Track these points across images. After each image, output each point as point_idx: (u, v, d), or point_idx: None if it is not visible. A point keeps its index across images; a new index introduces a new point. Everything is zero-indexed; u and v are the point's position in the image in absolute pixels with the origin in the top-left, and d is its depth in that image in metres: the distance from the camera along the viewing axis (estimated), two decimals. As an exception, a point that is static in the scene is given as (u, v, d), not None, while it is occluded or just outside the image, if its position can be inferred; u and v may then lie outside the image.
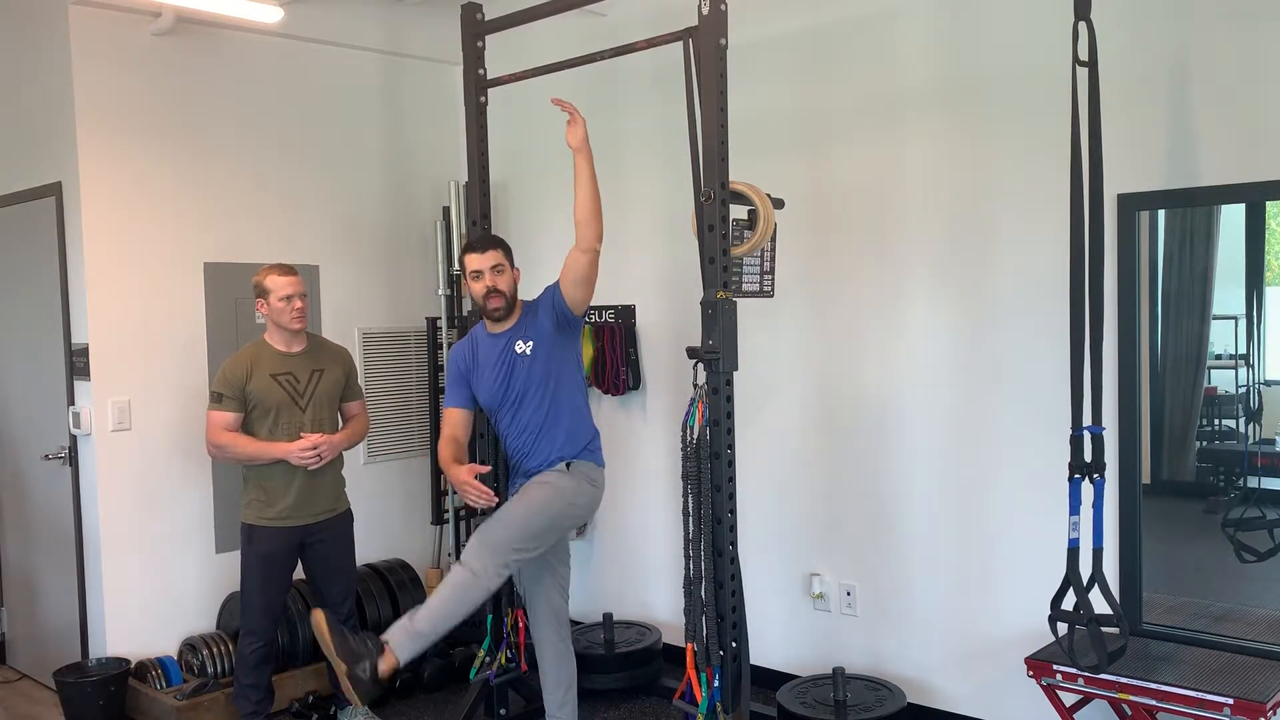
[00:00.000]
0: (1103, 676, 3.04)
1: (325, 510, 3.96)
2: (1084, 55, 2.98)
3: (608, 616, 4.55)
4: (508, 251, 3.55)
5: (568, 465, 3.47)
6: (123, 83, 4.31)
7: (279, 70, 4.78)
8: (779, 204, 3.63)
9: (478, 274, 3.48)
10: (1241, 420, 3.64)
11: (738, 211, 3.47)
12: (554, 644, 3.65)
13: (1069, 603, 3.03)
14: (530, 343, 3.46)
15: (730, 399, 3.28)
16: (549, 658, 3.65)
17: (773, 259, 3.71)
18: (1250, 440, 3.64)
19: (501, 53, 4.23)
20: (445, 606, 3.34)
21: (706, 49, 3.23)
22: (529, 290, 3.70)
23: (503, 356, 3.50)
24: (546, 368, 3.47)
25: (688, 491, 3.31)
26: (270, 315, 3.88)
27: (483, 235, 3.55)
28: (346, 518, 4.09)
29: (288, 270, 3.89)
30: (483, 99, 4.15)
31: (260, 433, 3.85)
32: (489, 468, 3.65)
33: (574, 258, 3.40)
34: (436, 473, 5.22)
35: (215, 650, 4.34)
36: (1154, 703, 2.99)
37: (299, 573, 4.06)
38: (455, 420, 3.65)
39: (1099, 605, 2.97)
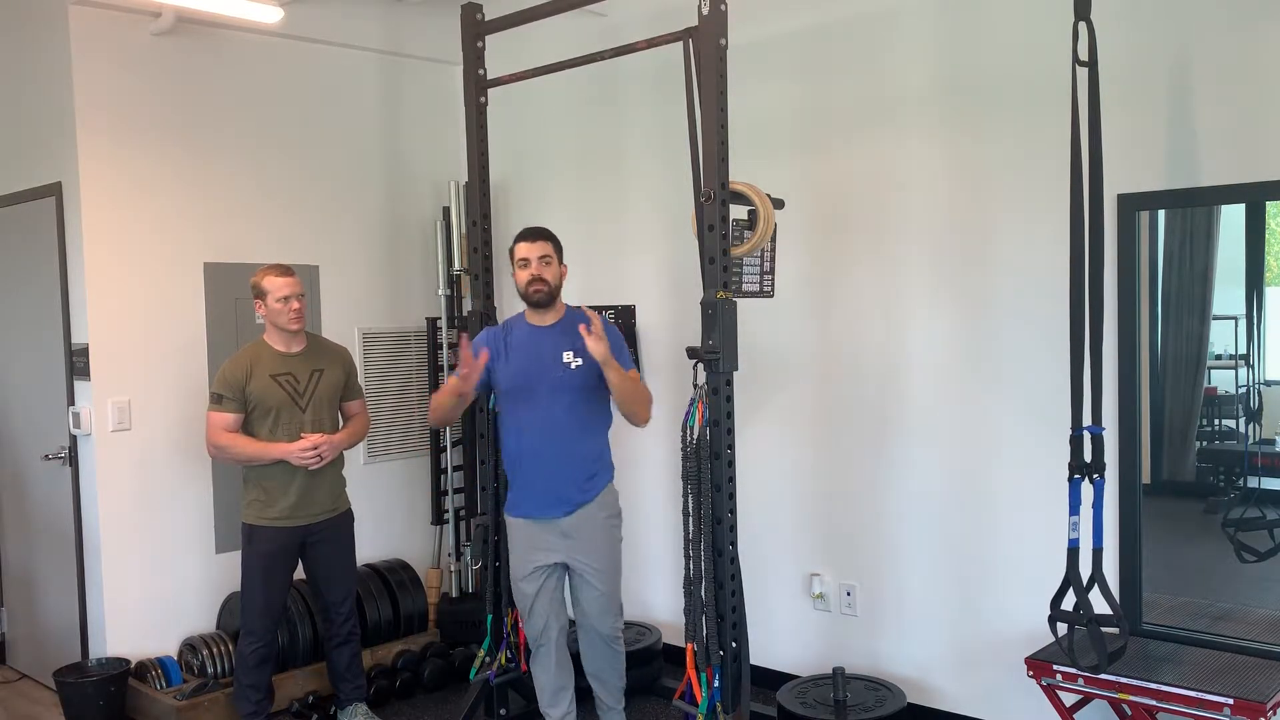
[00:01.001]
0: (1103, 676, 3.04)
1: (326, 510, 3.96)
2: (1084, 55, 2.98)
3: (608, 616, 4.55)
4: (558, 247, 3.56)
5: (613, 505, 3.59)
6: (123, 83, 4.31)
7: (279, 70, 4.78)
8: (779, 204, 3.63)
9: (525, 262, 3.49)
10: (1241, 420, 3.64)
11: (738, 211, 3.47)
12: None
13: (1069, 603, 3.03)
14: (580, 360, 3.43)
15: (730, 399, 3.28)
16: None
17: (773, 259, 3.70)
18: (1250, 440, 3.64)
19: (501, 53, 4.23)
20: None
21: (706, 49, 3.23)
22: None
23: (548, 354, 3.47)
24: (592, 380, 3.42)
25: (688, 491, 3.31)
26: (268, 316, 3.88)
27: (533, 227, 3.58)
28: (347, 518, 4.09)
29: (285, 271, 3.89)
30: (483, 99, 4.15)
31: (260, 433, 3.85)
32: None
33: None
34: (437, 473, 5.22)
35: (215, 650, 4.34)
36: (1154, 703, 2.99)
37: (299, 573, 4.06)
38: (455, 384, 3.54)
39: (1099, 605, 2.97)
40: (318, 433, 3.88)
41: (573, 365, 3.46)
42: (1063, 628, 3.04)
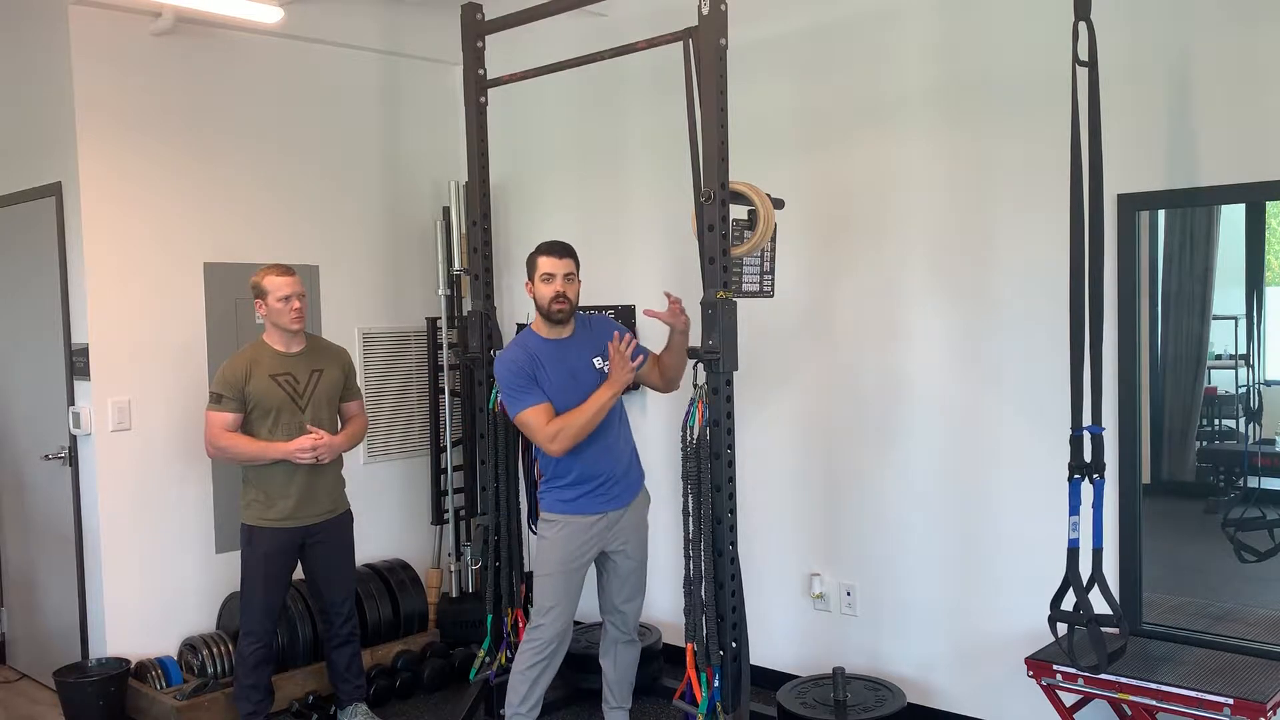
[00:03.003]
0: (1103, 676, 3.04)
1: (325, 511, 3.96)
2: (1084, 55, 2.97)
3: (608, 616, 4.55)
4: (579, 263, 3.54)
5: (649, 499, 3.73)
6: (123, 83, 4.31)
7: (279, 70, 4.78)
8: (779, 204, 3.62)
9: (549, 277, 3.45)
10: (1241, 420, 3.64)
11: (738, 211, 3.47)
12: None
13: (1069, 603, 3.03)
14: (608, 363, 3.43)
15: (730, 399, 3.28)
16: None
17: (773, 259, 3.70)
18: (1250, 440, 3.64)
19: (501, 53, 4.23)
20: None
21: (706, 49, 3.23)
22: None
23: (578, 365, 3.46)
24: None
25: (688, 491, 3.31)
26: (268, 316, 3.88)
27: (558, 241, 3.55)
28: (346, 518, 4.09)
29: (285, 270, 3.89)
30: (483, 99, 4.16)
31: (260, 433, 3.85)
32: None
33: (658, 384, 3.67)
34: (437, 473, 5.22)
35: (215, 650, 4.34)
36: (1154, 703, 2.99)
37: (298, 573, 4.05)
38: (550, 410, 3.40)
39: (1099, 605, 2.97)
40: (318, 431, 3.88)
41: (607, 370, 3.46)
42: (1063, 628, 3.03)
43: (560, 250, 3.51)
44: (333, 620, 4.08)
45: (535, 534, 3.65)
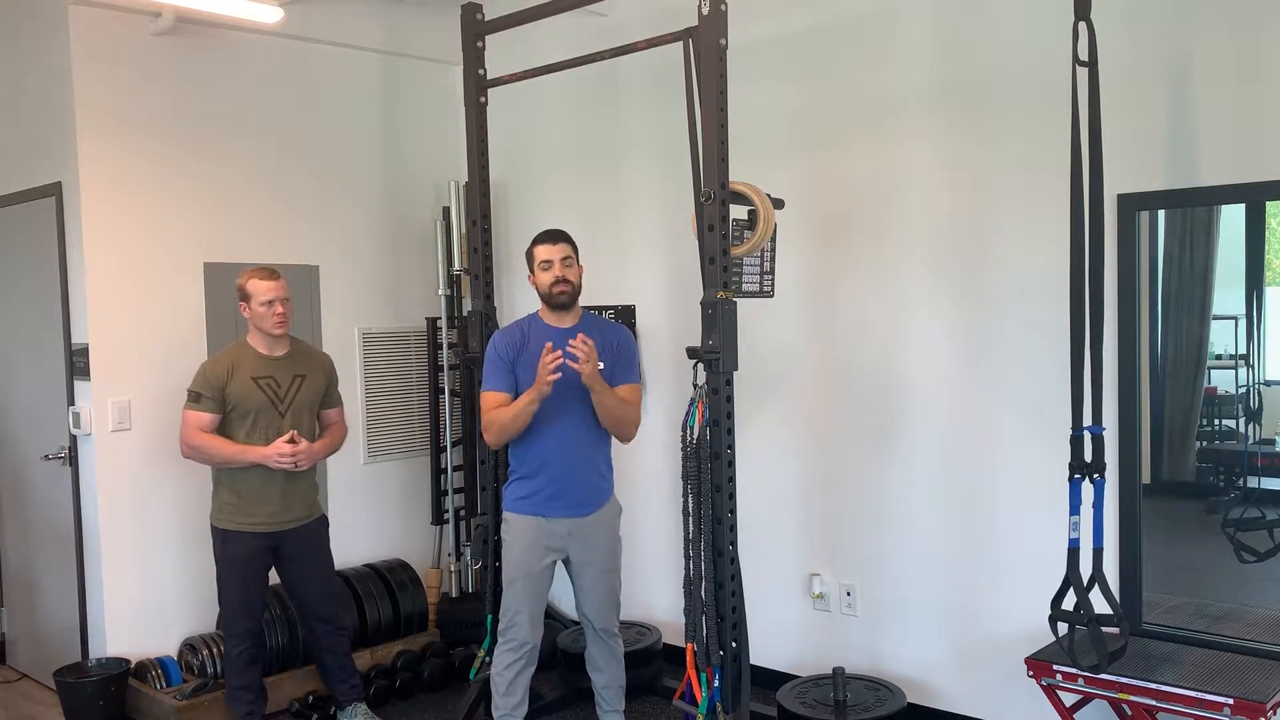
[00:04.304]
0: (1103, 676, 3.04)
1: (300, 517, 3.92)
2: (1084, 55, 2.98)
3: (608, 616, 4.55)
4: (575, 247, 3.54)
5: (618, 510, 3.64)
6: (123, 83, 4.31)
7: (279, 70, 4.78)
8: (779, 204, 3.63)
9: (547, 264, 3.47)
10: (1241, 420, 3.64)
11: (738, 211, 3.47)
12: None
13: (1069, 603, 3.03)
14: (601, 366, 3.39)
15: (730, 399, 3.28)
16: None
17: (773, 259, 3.71)
18: (1250, 440, 3.64)
19: (501, 53, 4.23)
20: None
21: (706, 49, 3.23)
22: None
23: (566, 353, 3.42)
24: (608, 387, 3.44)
25: (688, 491, 3.31)
26: (252, 319, 3.85)
27: (551, 229, 3.57)
28: (321, 524, 4.05)
29: (271, 274, 3.86)
30: (483, 99, 4.16)
31: (237, 435, 3.82)
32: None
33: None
34: (437, 473, 5.22)
35: (215, 650, 4.34)
36: (1154, 703, 2.99)
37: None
38: (504, 400, 3.45)
39: (1099, 605, 2.97)
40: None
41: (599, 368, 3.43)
42: (1063, 627, 3.04)
43: (554, 237, 3.53)
44: (314, 626, 4.05)
45: None
